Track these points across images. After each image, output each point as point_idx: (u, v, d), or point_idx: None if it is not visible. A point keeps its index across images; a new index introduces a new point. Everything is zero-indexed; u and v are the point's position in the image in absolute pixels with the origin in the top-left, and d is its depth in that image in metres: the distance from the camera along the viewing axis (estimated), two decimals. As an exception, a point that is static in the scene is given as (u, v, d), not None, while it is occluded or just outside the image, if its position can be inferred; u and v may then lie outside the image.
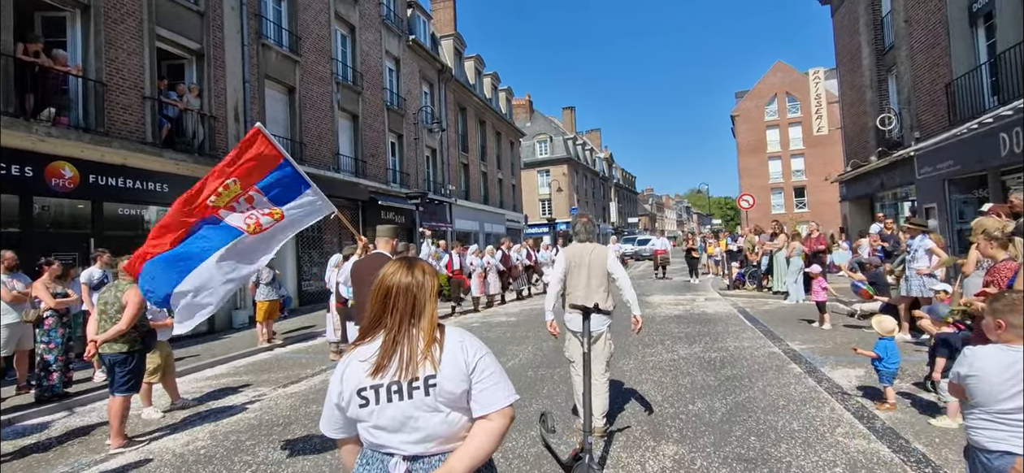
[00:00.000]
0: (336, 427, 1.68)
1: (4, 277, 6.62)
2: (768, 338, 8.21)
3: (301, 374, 7.67)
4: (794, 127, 46.11)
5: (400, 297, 1.66)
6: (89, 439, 5.34)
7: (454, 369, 1.58)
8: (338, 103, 17.64)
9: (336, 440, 1.71)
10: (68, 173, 9.22)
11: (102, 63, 10.13)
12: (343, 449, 1.73)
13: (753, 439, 4.27)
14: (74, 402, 6.57)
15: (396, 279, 1.68)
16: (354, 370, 1.61)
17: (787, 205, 45.01)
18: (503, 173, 34.93)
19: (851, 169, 16.95)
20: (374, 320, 1.68)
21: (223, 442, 5.03)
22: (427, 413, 1.57)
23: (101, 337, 4.73)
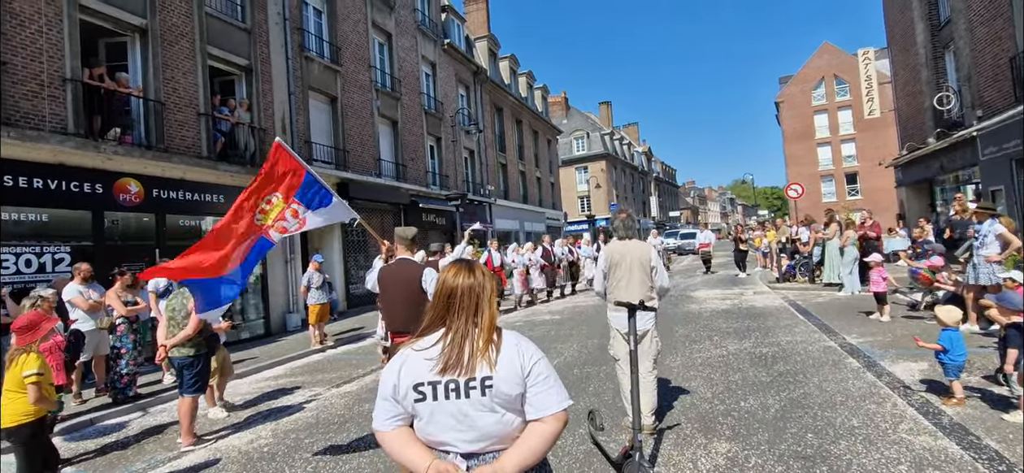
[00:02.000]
0: (388, 418, 1.71)
1: (81, 287, 7.13)
2: (822, 332, 7.93)
3: (353, 374, 7.92)
4: (843, 111, 44.04)
5: (465, 297, 1.72)
6: (162, 437, 5.70)
7: (510, 371, 1.63)
8: (378, 110, 18.06)
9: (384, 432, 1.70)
10: (134, 188, 9.83)
11: (160, 83, 10.73)
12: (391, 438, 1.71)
13: (810, 436, 4.15)
14: (147, 402, 7.01)
15: (460, 280, 1.74)
16: (412, 365, 1.67)
17: (838, 193, 43.07)
18: (541, 171, 34.91)
19: (907, 152, 16.10)
20: (436, 319, 1.75)
21: (284, 440, 5.27)
22: (483, 413, 1.62)
23: (170, 342, 5.04)
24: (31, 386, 3.58)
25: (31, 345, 3.70)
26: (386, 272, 4.16)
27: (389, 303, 4.06)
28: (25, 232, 8.38)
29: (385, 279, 4.12)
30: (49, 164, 8.60)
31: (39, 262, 8.43)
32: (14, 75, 8.41)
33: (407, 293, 3.93)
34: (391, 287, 4.05)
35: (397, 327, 3.98)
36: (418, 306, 3.92)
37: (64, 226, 8.93)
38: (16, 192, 8.20)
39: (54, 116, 8.85)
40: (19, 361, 3.62)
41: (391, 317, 4.05)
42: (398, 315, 3.98)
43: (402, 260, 4.15)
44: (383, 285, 4.12)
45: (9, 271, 8.06)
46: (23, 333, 3.70)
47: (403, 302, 3.94)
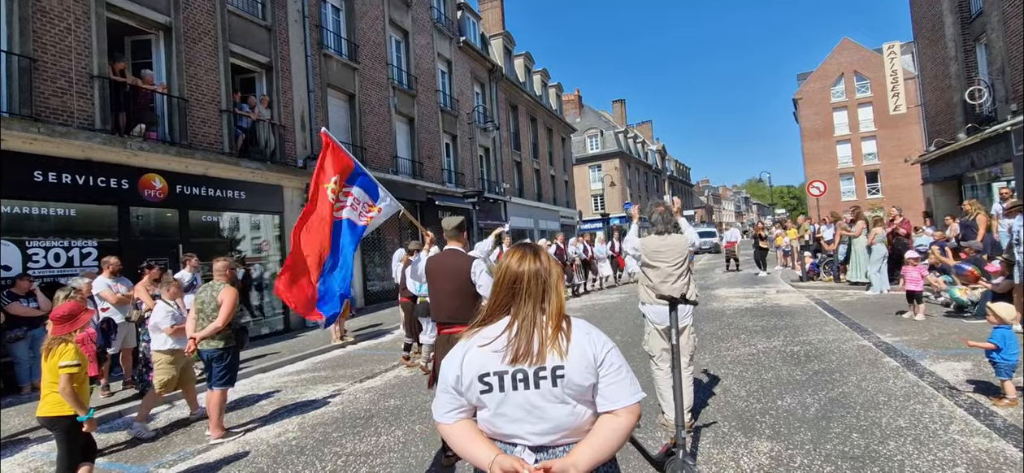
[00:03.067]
0: (449, 410, 1.64)
1: (110, 281, 7.18)
2: (854, 331, 7.73)
3: (375, 370, 7.89)
4: (864, 108, 43.23)
5: (531, 283, 1.64)
6: (190, 430, 5.70)
7: (582, 361, 1.54)
8: (395, 107, 18.08)
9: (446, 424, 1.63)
10: (158, 184, 9.91)
11: (183, 80, 10.81)
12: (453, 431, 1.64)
13: (856, 436, 4.01)
14: (173, 396, 7.03)
15: (526, 265, 1.66)
16: (476, 354, 1.60)
17: (858, 191, 42.30)
18: (555, 169, 34.77)
19: (935, 149, 15.71)
20: (499, 307, 1.67)
21: (312, 434, 5.24)
22: (554, 404, 1.55)
23: (200, 334, 5.04)
24: (65, 376, 3.56)
25: (69, 335, 3.69)
26: (434, 262, 4.09)
27: (437, 294, 3.99)
28: (53, 227, 8.48)
29: (433, 270, 4.06)
30: (77, 160, 8.69)
31: (67, 256, 8.52)
32: (44, 72, 8.51)
33: (456, 284, 3.87)
34: (439, 278, 3.99)
35: (444, 318, 3.93)
36: (467, 297, 3.87)
37: (91, 221, 9.01)
38: (45, 187, 8.29)
39: (82, 112, 8.94)
40: (57, 351, 3.62)
41: (438, 308, 3.98)
42: (446, 306, 3.92)
43: (450, 251, 4.08)
44: (431, 276, 4.06)
45: (38, 265, 8.15)
46: (61, 323, 3.69)
47: (451, 293, 3.88)
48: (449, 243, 4.19)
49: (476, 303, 3.94)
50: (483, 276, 3.90)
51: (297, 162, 13.49)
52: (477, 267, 3.91)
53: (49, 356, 3.63)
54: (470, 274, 3.87)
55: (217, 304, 5.03)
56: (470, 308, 3.89)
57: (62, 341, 3.66)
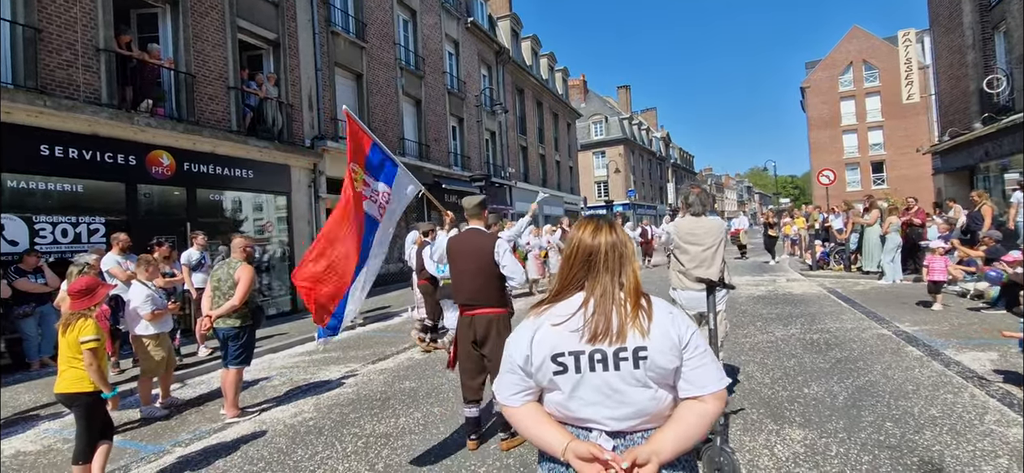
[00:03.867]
0: (515, 393, 1.55)
1: (119, 258, 7.08)
2: (872, 319, 7.65)
3: (386, 351, 7.82)
4: (872, 97, 42.84)
5: (608, 256, 1.53)
6: (205, 409, 5.63)
7: (665, 342, 1.43)
8: (402, 88, 17.86)
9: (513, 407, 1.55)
10: (165, 161, 9.76)
11: (190, 56, 10.62)
12: (520, 414, 1.55)
13: (889, 425, 3.93)
14: (184, 374, 6.97)
15: (602, 238, 1.55)
16: (548, 333, 1.49)
17: (864, 181, 42.06)
18: (560, 155, 34.53)
19: (949, 138, 15.52)
20: (570, 282, 1.56)
21: (329, 415, 5.17)
22: (635, 387, 1.44)
23: (216, 312, 4.94)
24: (87, 352, 3.48)
25: (88, 310, 3.59)
26: (455, 243, 3.98)
27: (459, 275, 3.89)
28: (60, 203, 8.35)
29: (455, 250, 3.94)
30: (84, 135, 8.54)
31: (74, 232, 8.41)
32: (49, 44, 8.33)
33: (478, 264, 3.77)
34: (461, 258, 3.88)
35: (466, 299, 3.83)
36: (491, 278, 3.77)
37: (98, 197, 8.89)
38: (51, 162, 8.15)
39: (88, 86, 8.77)
40: (76, 326, 3.52)
41: (460, 289, 3.87)
42: (468, 287, 3.83)
43: (472, 230, 3.96)
44: (452, 256, 3.95)
45: (46, 241, 8.05)
46: (80, 297, 3.59)
47: (473, 274, 3.79)
48: (470, 222, 4.07)
49: (500, 284, 3.84)
50: (507, 256, 3.79)
51: (305, 142, 13.32)
52: (500, 246, 3.80)
53: (67, 331, 3.54)
54: (494, 254, 3.76)
55: (234, 282, 4.93)
56: (494, 289, 3.81)
57: (81, 316, 3.56)
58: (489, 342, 3.78)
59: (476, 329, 3.80)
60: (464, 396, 3.98)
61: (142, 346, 5.39)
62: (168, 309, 5.50)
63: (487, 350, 3.80)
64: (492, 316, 3.78)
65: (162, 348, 5.45)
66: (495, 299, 3.81)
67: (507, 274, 3.79)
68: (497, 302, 3.81)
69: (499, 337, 3.78)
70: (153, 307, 5.31)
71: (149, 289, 5.42)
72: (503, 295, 3.88)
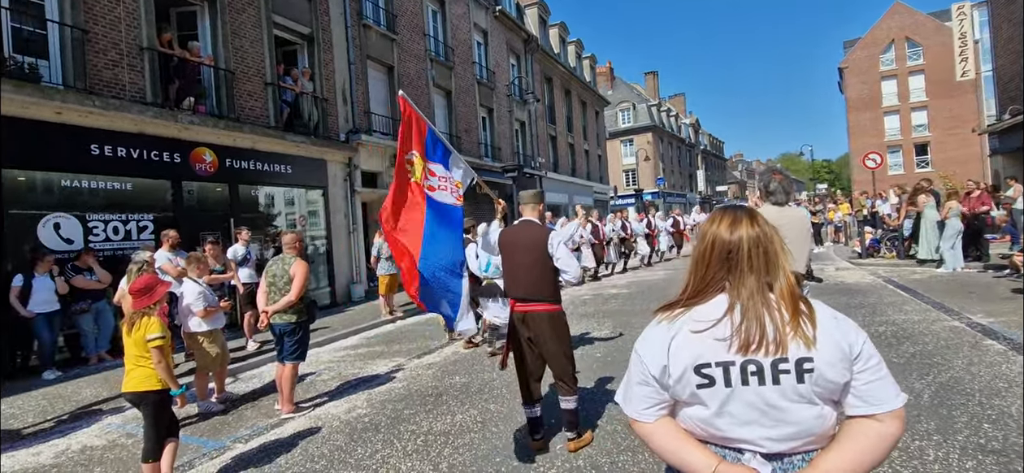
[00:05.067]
0: (649, 407, 1.39)
1: (170, 254, 7.17)
2: (940, 311, 7.24)
3: (430, 345, 7.77)
4: (915, 76, 40.91)
5: (752, 253, 1.34)
6: (260, 404, 5.66)
7: (834, 352, 1.25)
8: (433, 79, 17.78)
9: (646, 423, 1.41)
10: (208, 158, 9.88)
11: (229, 52, 10.70)
12: (656, 431, 1.39)
13: (987, 427, 3.65)
14: (235, 368, 7.04)
15: (743, 232, 1.36)
16: (689, 341, 1.32)
17: (906, 164, 40.31)
18: (589, 144, 34.10)
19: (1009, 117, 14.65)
20: (709, 283, 1.38)
21: (382, 411, 5.12)
22: (798, 404, 1.27)
23: (272, 308, 4.92)
24: (155, 350, 3.46)
25: (150, 308, 3.58)
26: (509, 235, 3.84)
27: (512, 268, 3.76)
28: (111, 201, 8.52)
29: (508, 242, 3.81)
30: (131, 133, 8.69)
31: (125, 230, 8.58)
32: (95, 45, 8.46)
33: (533, 257, 3.65)
34: (515, 251, 3.74)
35: (520, 294, 3.69)
36: (546, 271, 3.66)
37: (146, 195, 9.05)
38: (102, 161, 8.31)
39: (133, 85, 8.91)
40: (141, 324, 3.51)
41: (514, 283, 3.75)
42: (522, 281, 3.69)
43: (526, 222, 3.82)
44: (506, 249, 3.81)
45: (99, 239, 8.22)
46: (141, 296, 3.57)
47: (529, 267, 3.66)
48: (524, 213, 3.91)
49: (555, 278, 3.72)
50: (561, 248, 3.67)
51: (339, 136, 13.37)
52: (554, 239, 3.68)
53: (132, 330, 3.53)
54: (548, 246, 3.63)
55: (289, 277, 4.90)
56: (549, 282, 3.69)
57: (144, 314, 3.55)
58: (545, 341, 3.67)
59: (531, 327, 3.67)
60: (523, 397, 3.84)
61: (197, 342, 5.42)
62: (220, 306, 5.51)
63: (547, 350, 3.69)
64: (547, 314, 3.66)
65: (216, 344, 5.48)
66: (550, 294, 3.69)
67: (561, 268, 3.67)
68: (552, 296, 3.70)
69: (555, 336, 3.68)
70: (205, 304, 5.33)
71: (201, 286, 5.44)
72: (557, 290, 3.76)
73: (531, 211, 3.89)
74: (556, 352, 3.69)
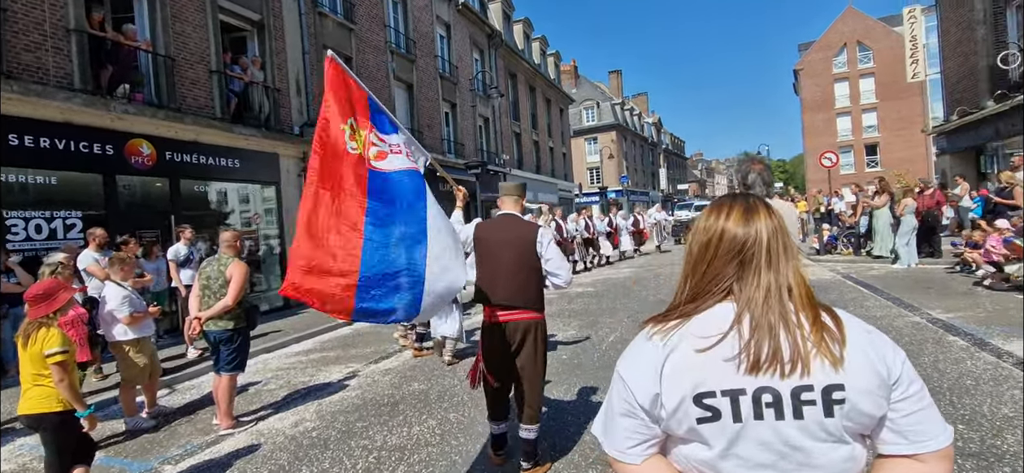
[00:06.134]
0: (635, 445, 1.09)
1: (97, 254, 6.52)
2: (900, 307, 7.31)
3: (388, 349, 7.35)
4: (866, 79, 42.62)
5: (770, 250, 1.06)
6: (196, 418, 5.15)
7: (869, 377, 0.98)
8: (393, 72, 17.23)
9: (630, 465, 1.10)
10: (146, 150, 9.14)
11: (169, 37, 9.94)
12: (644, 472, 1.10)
13: (962, 427, 3.55)
14: (172, 379, 6.46)
15: (760, 225, 1.08)
16: (687, 361, 1.03)
17: (857, 164, 41.96)
18: (553, 141, 34.01)
19: (957, 117, 15.24)
20: (710, 287, 1.09)
21: (333, 423, 4.70)
22: (825, 444, 0.99)
23: (206, 313, 4.44)
24: (55, 366, 2.98)
25: (50, 317, 3.08)
26: (487, 230, 3.35)
27: (492, 269, 3.25)
28: (33, 197, 7.75)
29: (488, 239, 3.29)
30: (56, 123, 7.91)
31: (49, 228, 7.81)
32: (15, 24, 7.66)
33: (517, 258, 3.19)
34: (496, 249, 3.24)
35: (500, 299, 3.21)
36: (532, 272, 3.21)
37: (74, 190, 8.28)
38: (23, 152, 7.53)
39: (59, 70, 8.12)
40: (38, 337, 3.02)
41: (494, 287, 3.23)
42: (503, 284, 3.20)
43: (508, 217, 3.36)
44: (484, 246, 3.30)
45: (18, 238, 7.44)
46: (38, 304, 3.08)
47: (513, 270, 3.19)
48: (504, 207, 3.44)
49: (540, 281, 3.28)
50: (552, 247, 3.24)
51: (293, 129, 12.70)
52: (544, 236, 3.25)
53: (28, 343, 3.03)
54: (535, 245, 3.19)
55: (225, 279, 4.42)
56: (534, 286, 3.24)
57: (41, 325, 3.05)
58: (523, 352, 3.24)
59: (510, 337, 3.21)
60: (491, 412, 3.44)
61: (122, 352, 4.87)
62: (148, 312, 4.97)
63: (521, 359, 3.26)
64: (529, 322, 3.22)
65: (144, 354, 4.93)
66: (534, 300, 3.24)
67: (551, 271, 3.23)
68: (536, 304, 3.26)
69: (535, 347, 3.25)
70: (131, 309, 4.78)
71: (126, 290, 4.89)
72: (542, 296, 3.30)
73: (513, 204, 3.42)
74: (532, 371, 3.26)
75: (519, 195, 3.48)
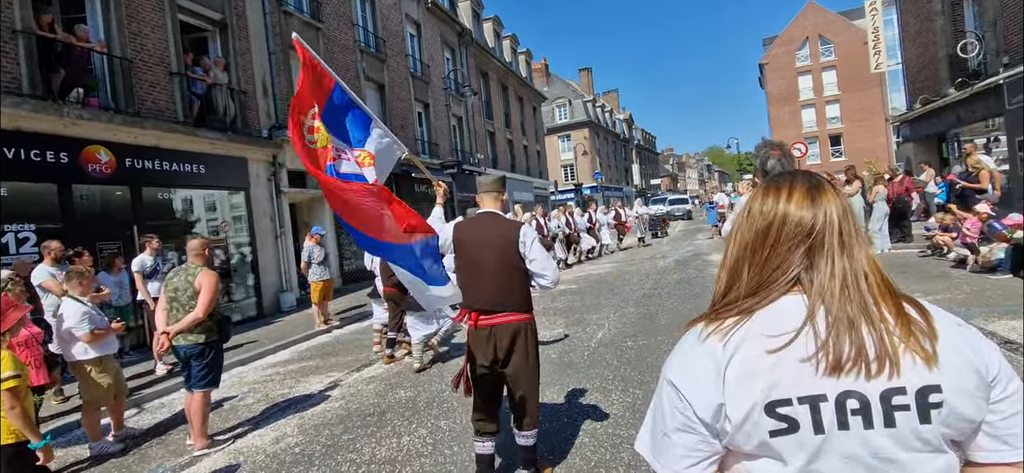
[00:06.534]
0: (693, 463, 0.93)
1: (52, 269, 6.10)
2: (879, 290, 7.40)
3: (370, 357, 7.10)
4: (828, 72, 43.92)
5: (842, 234, 0.93)
6: (168, 439, 4.83)
7: (967, 376, 0.85)
8: (364, 72, 16.85)
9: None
10: (104, 158, 8.65)
11: (125, 38, 9.44)
12: None
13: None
14: (140, 398, 6.08)
15: (828, 207, 0.94)
16: (755, 361, 0.88)
17: (823, 155, 43.23)
18: (527, 139, 33.95)
19: (920, 105, 15.71)
20: (774, 277, 0.95)
21: (317, 438, 4.46)
22: (921, 454, 0.85)
23: (174, 328, 4.14)
24: (6, 393, 2.69)
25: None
26: (467, 230, 3.13)
27: (474, 272, 3.04)
28: (-21, 209, 7.22)
29: (468, 239, 3.08)
30: (4, 131, 7.38)
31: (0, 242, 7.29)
32: (-48, 24, 7.13)
33: (500, 258, 2.97)
34: (477, 249, 3.03)
35: (483, 303, 2.98)
36: (516, 273, 3.00)
37: (26, 201, 7.79)
38: (-35, 162, 7.02)
39: (6, 74, 7.59)
40: (-15, 362, 2.72)
41: (475, 290, 3.03)
42: (486, 287, 2.99)
43: (488, 215, 3.14)
44: (464, 246, 3.08)
45: (-37, 254, 6.93)
46: (-15, 325, 2.78)
47: (495, 271, 2.97)
48: (484, 205, 3.21)
49: (526, 281, 3.06)
50: (536, 247, 3.00)
51: (261, 132, 12.26)
52: (527, 234, 3.01)
53: (-25, 369, 2.73)
54: (518, 245, 2.96)
55: (194, 291, 4.13)
56: (519, 287, 3.02)
57: (-8, 349, 2.76)
58: (514, 356, 3.00)
59: (498, 342, 2.97)
60: (476, 427, 3.18)
61: (84, 373, 4.52)
62: (111, 328, 4.63)
63: (511, 368, 3.02)
64: (518, 324, 2.99)
65: (108, 373, 4.59)
66: (521, 301, 3.03)
67: (536, 271, 3.00)
68: (523, 305, 3.04)
69: (526, 353, 3.02)
70: (92, 327, 4.44)
71: (85, 306, 4.54)
72: (528, 297, 3.09)
73: (492, 201, 3.18)
74: (525, 375, 3.03)
75: (499, 191, 3.24)
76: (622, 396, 4.51)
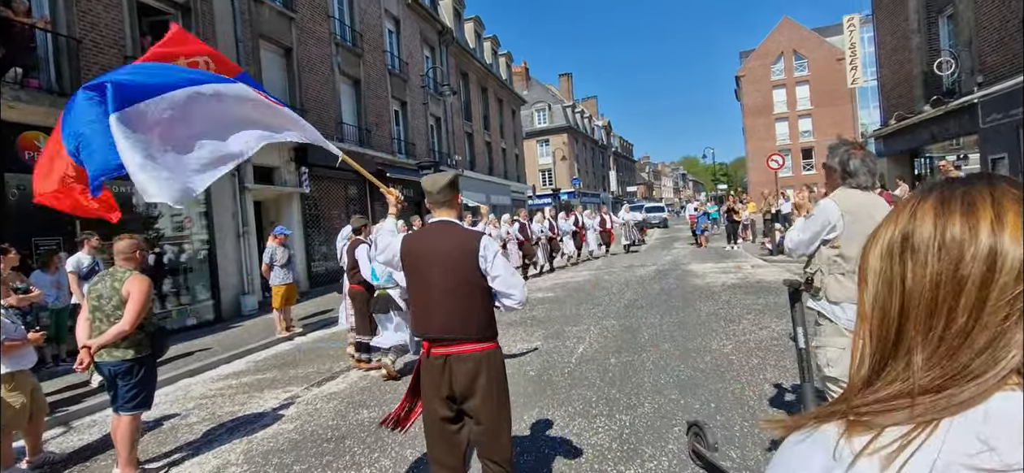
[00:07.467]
0: None
1: (-29, 268, 5.39)
2: (866, 307, 7.21)
3: (334, 368, 6.57)
4: (801, 86, 44.91)
5: None
6: (93, 466, 4.24)
7: None
8: (339, 66, 16.22)
9: None
10: (43, 145, 7.89)
11: (73, 16, 8.70)
12: None
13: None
14: (67, 415, 5.43)
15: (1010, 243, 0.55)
16: None
17: (794, 168, 44.06)
18: (506, 142, 33.58)
19: (895, 122, 15.90)
20: (961, 365, 0.55)
21: (264, 468, 3.94)
22: None
23: (96, 342, 3.57)
24: None
25: None
26: (415, 243, 2.57)
27: (424, 292, 2.49)
28: None
29: (417, 253, 2.53)
30: (-77, 109, 6.63)
31: (-87, 236, 6.51)
32: None
33: (455, 276, 2.43)
34: (426, 266, 2.49)
35: (438, 331, 2.44)
36: (475, 292, 2.44)
37: (-52, 190, 7.00)
38: None
39: (-72, 47, 6.83)
40: None
41: (426, 315, 2.49)
42: (440, 311, 2.44)
43: (442, 224, 2.56)
44: (412, 263, 2.54)
45: None
46: None
47: (450, 290, 2.43)
48: (436, 212, 2.60)
49: (489, 304, 2.49)
50: (498, 262, 2.45)
51: (225, 124, 11.54)
52: (489, 248, 2.45)
53: None
54: (478, 259, 2.42)
55: (121, 299, 3.58)
56: (480, 312, 2.45)
57: None
58: (477, 395, 2.42)
59: (454, 376, 2.42)
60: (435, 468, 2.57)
61: (-8, 391, 3.90)
62: (27, 339, 4.02)
63: (473, 406, 2.45)
64: (479, 354, 2.44)
65: (22, 391, 3.97)
66: (482, 327, 2.47)
67: (500, 290, 2.45)
68: (484, 331, 2.48)
69: (491, 390, 2.44)
70: (3, 336, 3.83)
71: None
72: (492, 321, 2.53)
73: (446, 209, 2.58)
74: (491, 417, 2.45)
75: (450, 194, 2.60)
76: (607, 423, 4.11)
